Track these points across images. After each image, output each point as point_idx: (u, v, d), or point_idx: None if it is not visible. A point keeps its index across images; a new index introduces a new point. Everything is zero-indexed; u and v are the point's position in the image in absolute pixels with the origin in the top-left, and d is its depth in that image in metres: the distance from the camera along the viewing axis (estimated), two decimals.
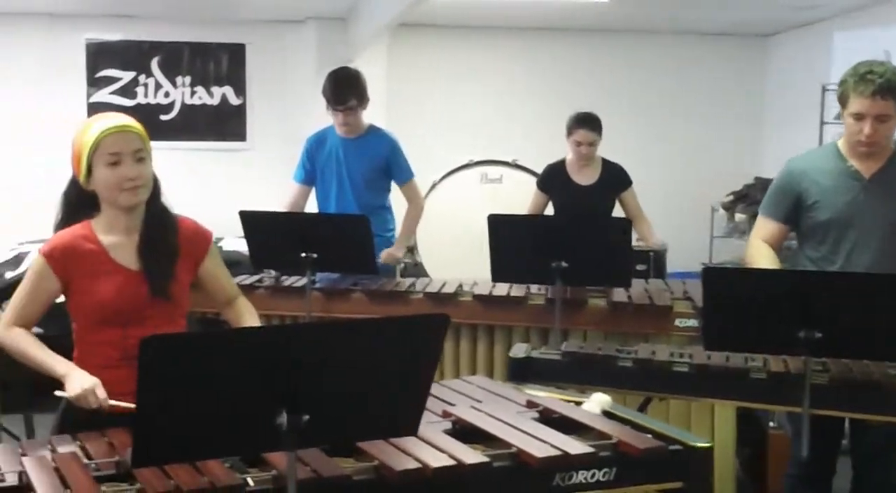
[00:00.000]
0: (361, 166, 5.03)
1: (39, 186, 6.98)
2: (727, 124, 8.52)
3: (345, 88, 4.92)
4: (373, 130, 5.09)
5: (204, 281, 2.90)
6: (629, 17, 7.66)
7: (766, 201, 3.70)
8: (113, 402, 2.55)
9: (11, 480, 2.18)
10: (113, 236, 2.74)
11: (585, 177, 5.41)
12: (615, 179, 5.43)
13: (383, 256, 4.89)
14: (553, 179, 5.48)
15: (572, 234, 4.06)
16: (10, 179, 7.00)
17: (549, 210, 5.55)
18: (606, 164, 5.45)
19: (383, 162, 5.04)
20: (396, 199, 5.19)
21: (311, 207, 5.23)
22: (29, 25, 7.08)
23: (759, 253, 3.62)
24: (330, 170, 5.08)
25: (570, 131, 5.33)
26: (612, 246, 4.05)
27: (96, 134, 2.65)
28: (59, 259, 2.69)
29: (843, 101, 3.44)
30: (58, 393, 2.60)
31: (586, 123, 5.30)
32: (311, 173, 5.15)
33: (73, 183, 2.76)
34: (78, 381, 2.56)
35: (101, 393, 2.54)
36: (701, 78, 8.44)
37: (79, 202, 2.75)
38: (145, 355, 1.81)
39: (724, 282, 2.99)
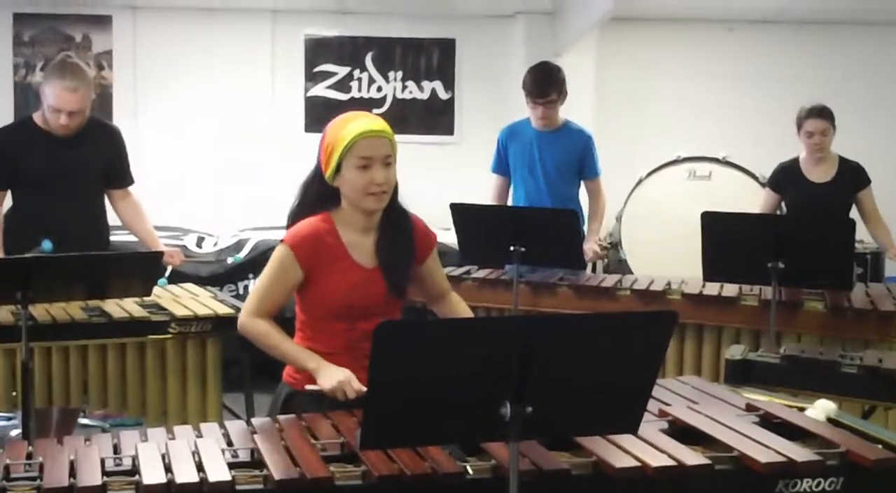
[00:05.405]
0: (556, 159, 5.08)
1: (259, 176, 7.29)
2: None
3: (546, 82, 4.98)
4: (568, 125, 5.14)
5: (422, 277, 2.94)
6: (847, 8, 7.33)
7: None
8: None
9: (244, 456, 2.28)
10: (352, 234, 2.75)
11: (820, 174, 5.18)
12: (852, 176, 5.17)
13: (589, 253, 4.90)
14: (785, 178, 5.27)
15: (791, 234, 3.94)
16: (233, 169, 7.28)
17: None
18: (843, 161, 5.20)
19: (577, 156, 5.09)
20: None
21: None
22: (252, 21, 7.36)
23: None
24: (523, 162, 5.14)
25: (800, 124, 5.12)
26: (834, 248, 3.91)
27: (352, 135, 2.64)
28: (304, 249, 2.70)
29: None
30: (308, 387, 2.66)
31: (817, 112, 5.08)
32: (506, 165, 5.23)
33: (318, 175, 2.76)
34: (332, 374, 2.61)
35: (357, 385, 2.56)
36: None
37: (320, 194, 2.75)
38: (379, 341, 1.85)
39: None
